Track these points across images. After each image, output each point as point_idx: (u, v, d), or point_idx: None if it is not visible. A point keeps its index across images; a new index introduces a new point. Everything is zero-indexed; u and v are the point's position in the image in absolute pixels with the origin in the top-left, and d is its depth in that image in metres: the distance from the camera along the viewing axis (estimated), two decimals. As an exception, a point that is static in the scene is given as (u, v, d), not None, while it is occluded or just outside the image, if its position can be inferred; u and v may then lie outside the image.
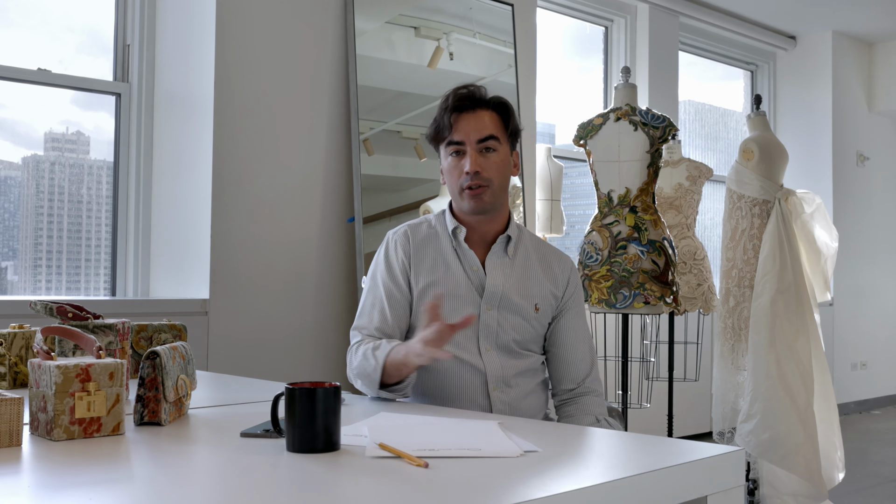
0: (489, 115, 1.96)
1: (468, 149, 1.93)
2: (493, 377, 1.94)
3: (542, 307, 2.00)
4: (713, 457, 1.28)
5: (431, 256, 1.99)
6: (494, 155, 1.94)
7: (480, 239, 2.00)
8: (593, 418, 1.98)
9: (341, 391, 1.35)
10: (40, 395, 1.37)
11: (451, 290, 1.95)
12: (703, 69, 6.43)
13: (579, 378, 2.02)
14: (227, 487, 1.14)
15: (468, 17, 4.05)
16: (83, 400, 1.35)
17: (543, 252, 2.07)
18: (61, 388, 1.34)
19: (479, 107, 1.96)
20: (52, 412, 1.34)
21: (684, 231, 4.02)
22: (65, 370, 1.35)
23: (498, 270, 1.98)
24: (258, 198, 3.39)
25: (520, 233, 2.05)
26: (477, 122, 1.94)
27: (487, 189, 1.93)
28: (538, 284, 2.01)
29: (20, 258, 3.37)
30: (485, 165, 1.93)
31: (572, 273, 2.07)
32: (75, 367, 1.36)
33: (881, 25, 6.51)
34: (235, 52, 3.35)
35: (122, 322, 1.82)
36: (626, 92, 3.50)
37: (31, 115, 3.42)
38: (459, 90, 1.97)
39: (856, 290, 6.76)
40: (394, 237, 2.03)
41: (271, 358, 3.37)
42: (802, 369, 3.34)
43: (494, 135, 1.94)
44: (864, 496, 4.24)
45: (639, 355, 4.31)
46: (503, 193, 1.98)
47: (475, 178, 1.92)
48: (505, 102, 1.99)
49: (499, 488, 1.11)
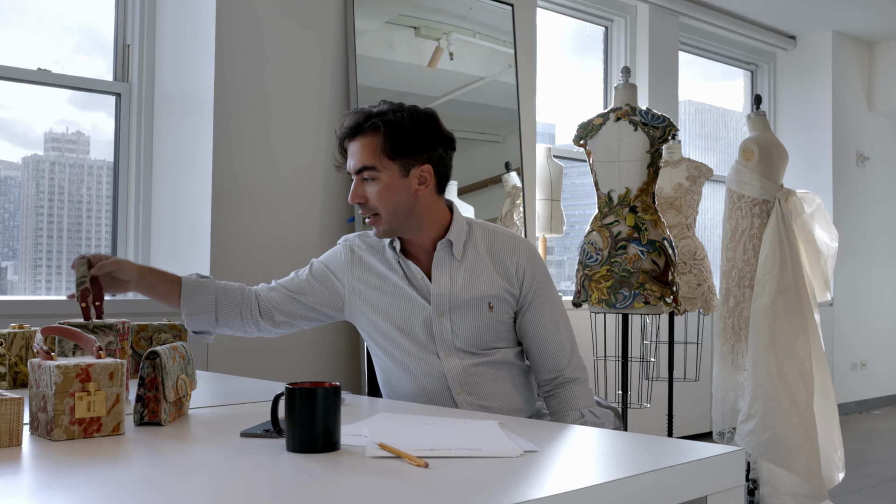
0: (367, 142, 1.87)
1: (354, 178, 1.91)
2: (455, 381, 1.93)
3: (497, 305, 1.95)
4: (713, 457, 1.28)
5: (372, 268, 1.99)
6: (373, 184, 1.88)
7: (421, 247, 1.97)
8: (577, 413, 1.94)
9: (341, 391, 1.35)
10: (40, 395, 1.37)
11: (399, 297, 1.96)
12: (702, 69, 6.43)
13: (558, 367, 1.97)
14: (227, 487, 1.14)
15: (468, 17, 4.05)
16: (83, 400, 1.35)
17: (496, 247, 1.98)
18: (61, 388, 1.34)
19: (356, 134, 1.89)
20: (52, 412, 1.34)
21: (684, 231, 4.02)
22: (65, 370, 1.35)
23: (444, 275, 1.94)
24: (258, 198, 3.40)
25: (469, 231, 1.98)
26: (354, 153, 1.89)
27: (378, 217, 1.90)
28: (488, 283, 1.94)
29: (20, 258, 3.37)
30: (367, 195, 1.89)
31: (528, 263, 1.97)
32: (75, 367, 1.36)
33: (881, 25, 6.51)
34: (235, 52, 3.35)
35: (122, 322, 1.81)
36: (626, 92, 3.50)
37: (29, 114, 3.42)
38: (344, 116, 1.93)
39: (856, 290, 6.76)
40: (345, 242, 2.05)
41: (271, 358, 3.37)
42: (802, 369, 3.34)
43: (367, 164, 1.87)
44: (864, 496, 4.24)
45: (639, 355, 4.31)
46: (400, 217, 1.90)
47: (362, 208, 1.91)
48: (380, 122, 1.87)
49: (499, 488, 1.11)
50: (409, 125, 1.88)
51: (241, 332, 2.03)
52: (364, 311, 1.99)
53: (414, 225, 1.93)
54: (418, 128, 1.89)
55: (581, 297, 3.43)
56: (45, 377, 1.36)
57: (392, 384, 2.02)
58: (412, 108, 1.92)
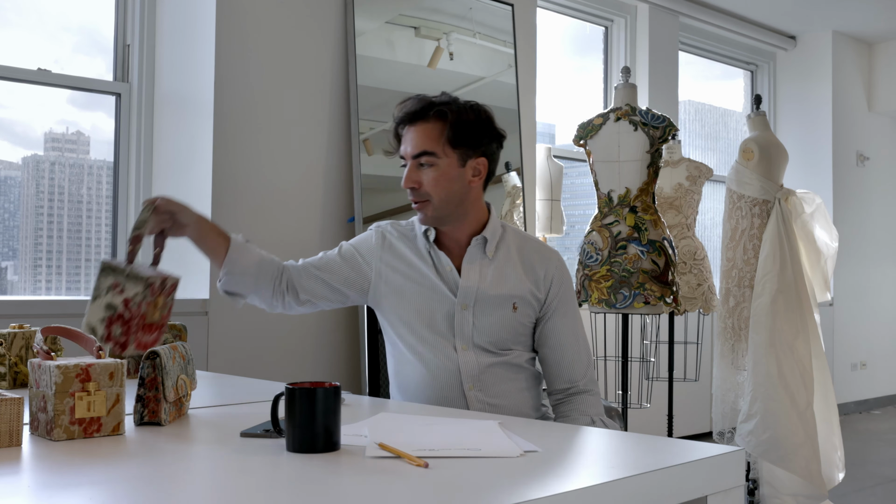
0: (430, 128, 1.91)
1: (408, 163, 1.93)
2: (468, 376, 1.93)
3: (521, 307, 1.97)
4: (713, 457, 1.28)
5: (402, 255, 2.00)
6: (431, 170, 1.91)
7: (455, 241, 1.99)
8: (589, 419, 1.96)
9: (341, 391, 1.35)
10: (40, 395, 1.37)
11: (426, 286, 1.96)
12: (702, 69, 6.43)
13: (573, 379, 2.00)
14: (227, 487, 1.14)
15: (468, 17, 4.05)
16: (83, 400, 1.35)
17: (527, 251, 2.03)
18: (61, 388, 1.34)
19: (419, 119, 1.92)
20: (52, 412, 1.34)
21: (684, 231, 4.02)
22: (65, 370, 1.35)
23: (473, 270, 1.96)
24: (258, 198, 3.39)
25: (503, 233, 2.02)
26: (413, 136, 1.92)
27: (428, 204, 1.92)
28: (516, 283, 1.97)
29: (20, 258, 3.37)
30: (421, 181, 1.91)
31: (557, 271, 2.02)
32: (75, 367, 1.36)
33: (881, 25, 6.51)
34: (235, 52, 3.35)
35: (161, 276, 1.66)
36: (626, 92, 3.50)
37: (29, 114, 3.42)
38: (403, 102, 1.95)
39: (856, 290, 6.76)
40: (377, 228, 2.05)
41: (271, 358, 3.37)
42: (802, 369, 3.34)
43: (428, 150, 1.90)
44: (864, 496, 4.24)
45: (639, 355, 4.31)
46: (451, 206, 1.93)
47: (413, 193, 1.92)
48: (449, 111, 1.92)
49: (499, 488, 1.11)
50: (472, 117, 1.94)
51: (267, 305, 2.01)
52: (388, 296, 1.99)
53: (459, 216, 1.96)
54: (479, 121, 1.96)
55: (581, 297, 3.43)
56: (45, 377, 1.36)
57: (403, 374, 2.00)
58: (474, 103, 1.99)
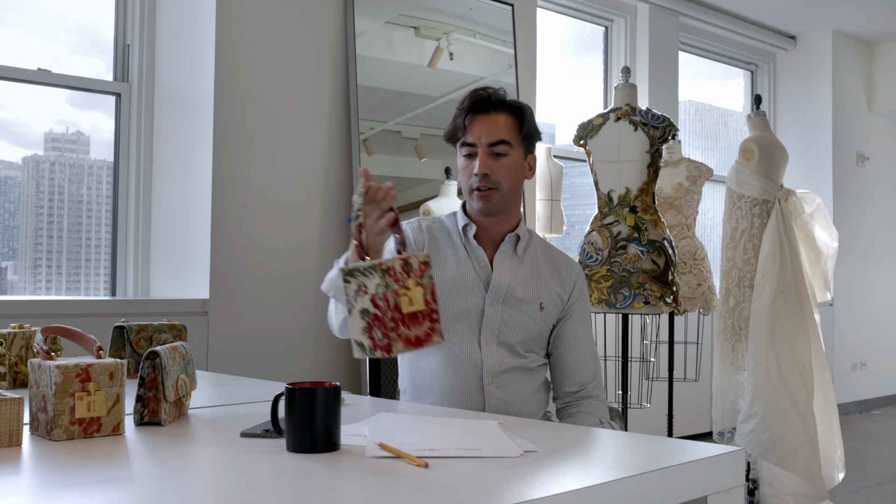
0: (504, 119, 1.97)
1: (479, 151, 1.95)
2: (489, 371, 1.95)
3: (547, 307, 2.02)
4: (713, 457, 1.28)
5: (441, 247, 2.02)
6: (505, 159, 1.96)
7: (490, 238, 2.03)
8: (596, 420, 1.99)
9: (341, 391, 1.35)
10: (40, 395, 1.37)
11: (459, 278, 1.98)
12: (702, 69, 6.43)
13: (582, 382, 2.04)
14: (227, 487, 1.14)
15: (468, 17, 4.05)
16: (83, 400, 1.35)
17: (552, 255, 2.10)
18: (61, 388, 1.34)
19: (494, 109, 1.97)
20: (52, 412, 1.34)
21: (684, 231, 4.02)
22: (65, 370, 1.35)
23: (505, 267, 2.00)
24: (258, 198, 3.39)
25: (530, 235, 2.08)
26: (490, 125, 1.96)
27: (496, 192, 1.96)
28: (545, 284, 2.03)
29: (20, 258, 3.37)
30: (494, 168, 1.95)
31: (579, 278, 2.09)
32: (75, 367, 1.36)
33: (881, 25, 6.51)
34: (235, 52, 3.35)
35: (402, 258, 1.46)
36: (626, 92, 3.50)
37: (28, 114, 3.42)
38: (477, 91, 1.99)
39: (856, 290, 6.76)
40: (415, 221, 2.07)
41: (271, 358, 3.37)
42: (802, 369, 3.34)
43: (506, 139, 1.95)
44: (864, 496, 4.24)
45: (639, 355, 4.31)
46: (514, 196, 2.00)
47: (484, 180, 1.94)
48: (521, 107, 2.00)
49: (499, 488, 1.11)
50: (532, 115, 2.02)
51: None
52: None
53: (510, 208, 2.01)
54: (534, 120, 2.03)
55: (581, 297, 3.43)
56: (45, 377, 1.36)
57: (419, 364, 2.00)
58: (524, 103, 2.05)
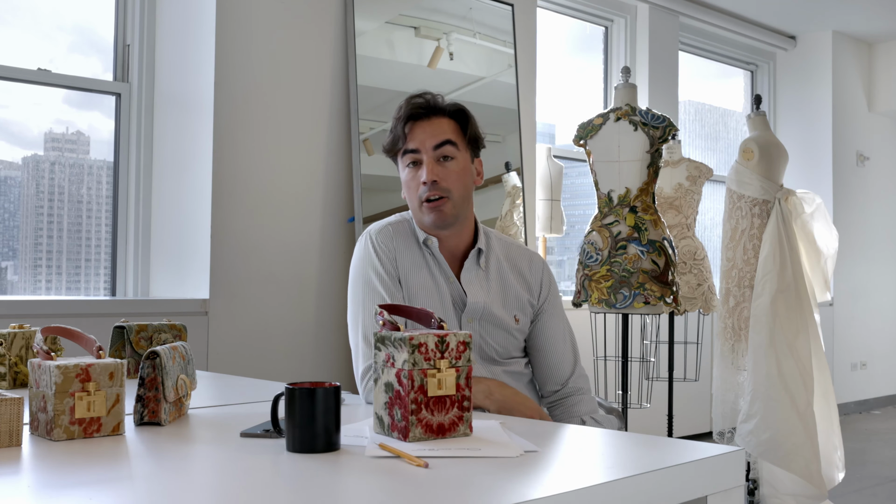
0: (447, 122, 1.88)
1: (424, 157, 1.85)
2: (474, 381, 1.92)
3: (521, 318, 1.96)
4: (713, 457, 1.28)
5: (413, 259, 1.91)
6: (453, 163, 1.86)
7: (450, 253, 1.92)
8: (578, 419, 1.96)
9: (341, 391, 1.34)
10: (40, 395, 1.37)
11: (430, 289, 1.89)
12: (702, 69, 6.43)
13: (563, 379, 2.00)
14: (227, 487, 1.14)
15: (468, 17, 4.05)
16: (83, 400, 1.35)
17: (513, 256, 2.00)
18: (61, 388, 1.34)
19: (434, 114, 1.87)
20: (52, 412, 1.34)
21: (684, 231, 4.02)
22: (65, 370, 1.35)
23: (476, 286, 1.91)
24: (258, 198, 3.39)
25: (488, 241, 1.97)
26: (432, 129, 1.86)
27: (447, 201, 1.84)
28: (514, 296, 1.95)
29: (20, 258, 3.37)
30: (443, 175, 1.84)
31: (544, 273, 2.01)
32: (75, 367, 1.36)
33: (881, 25, 6.51)
34: (235, 52, 3.34)
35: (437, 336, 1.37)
36: (626, 92, 3.50)
37: (27, 114, 3.41)
38: (414, 98, 1.89)
39: (856, 290, 6.76)
40: (377, 237, 1.91)
41: (271, 358, 3.37)
42: (802, 369, 3.34)
43: (451, 140, 1.86)
44: (864, 496, 4.24)
45: (639, 355, 4.31)
46: (465, 204, 1.89)
47: (433, 188, 1.83)
48: (462, 109, 1.90)
49: (499, 488, 1.11)
50: (473, 117, 1.93)
51: None
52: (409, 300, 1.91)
53: (464, 218, 1.91)
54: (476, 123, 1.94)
55: (581, 297, 3.43)
56: (45, 377, 1.36)
57: None
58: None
